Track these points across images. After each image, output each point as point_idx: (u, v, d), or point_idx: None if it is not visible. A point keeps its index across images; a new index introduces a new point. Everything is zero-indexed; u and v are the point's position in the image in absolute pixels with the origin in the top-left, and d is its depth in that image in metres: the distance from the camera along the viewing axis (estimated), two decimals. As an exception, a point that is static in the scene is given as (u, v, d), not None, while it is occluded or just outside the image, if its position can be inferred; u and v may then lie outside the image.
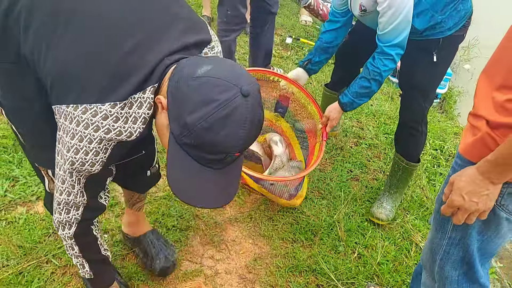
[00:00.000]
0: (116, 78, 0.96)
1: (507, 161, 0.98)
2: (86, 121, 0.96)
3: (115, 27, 1.00)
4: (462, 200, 1.07)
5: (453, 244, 1.22)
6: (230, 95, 0.86)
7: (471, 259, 1.21)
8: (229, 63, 0.95)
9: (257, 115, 0.91)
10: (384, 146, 2.79)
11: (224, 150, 0.92)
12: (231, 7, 2.76)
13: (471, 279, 1.25)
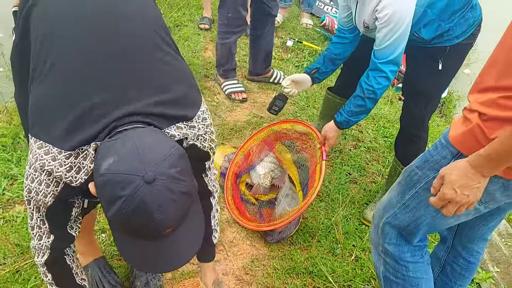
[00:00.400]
0: (73, 127, 1.01)
1: (501, 156, 1.00)
2: (37, 155, 1.02)
3: (92, 79, 1.04)
4: (454, 193, 1.10)
5: (404, 211, 1.30)
6: (133, 188, 0.86)
7: (414, 228, 1.30)
8: (140, 145, 0.92)
9: (173, 194, 0.90)
10: (383, 150, 2.80)
11: (151, 233, 0.92)
12: (232, 9, 2.76)
13: (406, 239, 1.37)
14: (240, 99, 3.04)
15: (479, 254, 1.49)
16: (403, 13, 1.69)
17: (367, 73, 1.89)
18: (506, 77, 1.02)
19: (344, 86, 2.44)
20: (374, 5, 1.75)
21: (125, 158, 0.90)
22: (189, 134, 1.14)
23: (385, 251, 1.42)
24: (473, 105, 1.10)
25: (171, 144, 0.96)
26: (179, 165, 0.92)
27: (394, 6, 1.69)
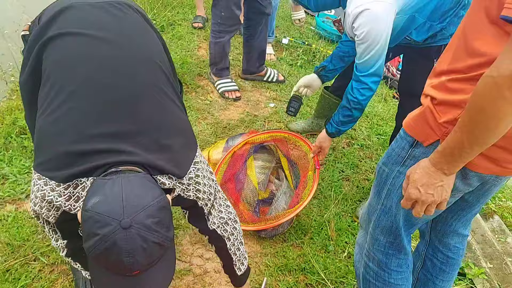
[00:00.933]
0: (71, 162, 1.07)
1: (453, 150, 0.99)
2: (38, 186, 1.10)
3: (96, 122, 1.10)
4: (418, 192, 1.09)
5: (384, 211, 1.28)
6: (109, 230, 0.92)
7: (397, 229, 1.28)
8: (126, 191, 0.98)
9: (145, 242, 0.95)
10: (376, 147, 2.80)
11: (120, 272, 0.97)
12: (225, 8, 2.76)
13: (397, 248, 1.34)
14: (233, 97, 3.04)
15: (458, 249, 1.46)
16: (378, 32, 1.69)
17: (351, 85, 1.91)
18: (457, 60, 1.00)
19: (342, 88, 2.44)
20: (351, 23, 1.75)
21: (109, 201, 0.96)
22: (177, 187, 1.20)
23: (370, 256, 1.41)
24: (426, 89, 1.09)
25: (156, 195, 1.01)
26: (157, 216, 0.98)
27: (368, 26, 1.69)
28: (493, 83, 0.84)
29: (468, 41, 0.97)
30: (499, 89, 0.83)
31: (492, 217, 2.51)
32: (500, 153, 1.00)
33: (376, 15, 1.65)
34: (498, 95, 0.83)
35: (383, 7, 1.65)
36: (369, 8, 1.65)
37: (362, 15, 1.67)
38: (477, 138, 0.93)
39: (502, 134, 0.92)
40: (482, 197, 1.27)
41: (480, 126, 0.91)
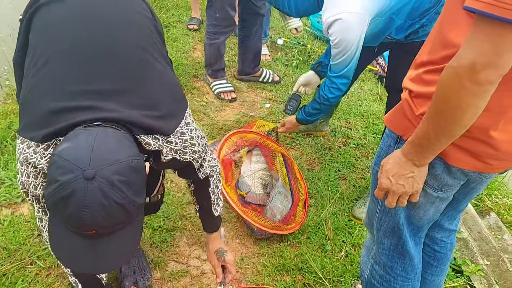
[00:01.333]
0: (49, 122, 1.03)
1: (421, 141, 0.99)
2: (21, 150, 1.06)
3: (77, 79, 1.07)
4: (390, 182, 1.09)
5: (385, 212, 1.26)
6: (70, 177, 0.88)
7: (399, 230, 1.25)
8: (99, 143, 0.93)
9: (105, 199, 0.89)
10: (372, 146, 2.80)
11: (76, 226, 0.92)
12: (219, 10, 2.75)
13: (401, 251, 1.31)
14: (229, 98, 3.04)
15: (446, 243, 1.45)
16: (350, 41, 1.76)
17: (324, 82, 2.01)
18: (434, 52, 1.00)
19: None
20: (325, 30, 1.81)
21: (78, 148, 0.92)
22: (164, 148, 1.15)
23: (377, 259, 1.40)
24: (405, 82, 1.09)
25: (131, 153, 0.96)
26: (126, 175, 0.92)
27: (340, 35, 1.76)
28: (454, 73, 0.84)
29: (443, 32, 0.97)
30: (460, 79, 0.83)
31: (489, 214, 2.51)
32: (480, 147, 0.99)
33: (347, 25, 1.72)
34: (460, 86, 0.84)
35: (355, 18, 1.71)
36: (342, 18, 1.71)
37: (334, 24, 1.74)
38: (443, 129, 0.93)
39: (468, 126, 0.91)
40: (468, 195, 1.27)
41: (445, 117, 0.91)
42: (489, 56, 0.79)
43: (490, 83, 0.82)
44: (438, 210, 1.20)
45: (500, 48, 0.78)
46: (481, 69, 0.80)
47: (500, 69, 0.80)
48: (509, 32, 0.76)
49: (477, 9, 0.77)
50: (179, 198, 2.20)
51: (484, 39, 0.79)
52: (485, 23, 0.78)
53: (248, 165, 2.37)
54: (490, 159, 1.01)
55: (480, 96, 0.84)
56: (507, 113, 0.94)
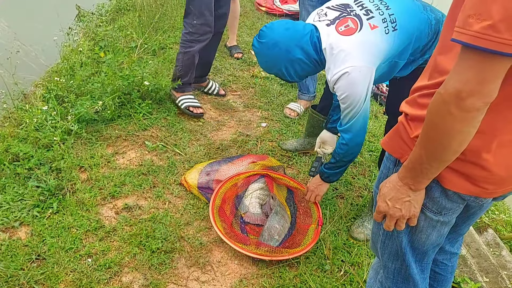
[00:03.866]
0: None
1: (415, 165, 1.01)
2: None
3: None
4: (387, 206, 1.10)
5: (387, 236, 1.26)
6: None
7: (402, 254, 1.25)
8: None
9: None
10: (368, 164, 2.82)
11: None
12: (198, 16, 2.73)
13: (405, 276, 1.30)
14: (197, 113, 3.00)
15: (446, 266, 1.46)
16: (357, 95, 1.74)
17: (340, 138, 1.96)
18: (430, 77, 1.03)
19: (327, 107, 2.48)
20: (332, 85, 1.80)
21: None
22: None
23: (383, 282, 1.39)
24: (401, 106, 1.12)
25: None
26: None
27: (347, 91, 1.74)
28: (441, 100, 0.87)
29: (438, 59, 1.01)
30: (447, 106, 0.86)
31: (486, 230, 2.52)
32: (475, 170, 1.01)
33: (353, 79, 1.71)
34: (446, 112, 0.87)
35: (361, 71, 1.71)
36: (348, 72, 1.71)
37: (341, 80, 1.73)
38: (434, 154, 0.96)
39: (458, 151, 0.94)
40: (468, 220, 1.28)
41: (434, 143, 0.94)
42: (473, 85, 0.82)
43: (477, 110, 0.85)
44: (441, 234, 1.20)
45: (483, 76, 0.81)
46: (467, 96, 0.83)
47: (485, 96, 0.83)
48: (492, 62, 0.80)
49: (462, 41, 0.81)
50: (177, 219, 2.19)
51: (468, 68, 0.82)
52: (469, 53, 0.81)
53: (246, 184, 2.38)
54: (485, 183, 1.02)
55: (467, 122, 0.87)
56: (499, 136, 0.96)
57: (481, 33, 0.77)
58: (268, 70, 1.95)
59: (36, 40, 3.54)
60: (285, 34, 1.82)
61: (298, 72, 1.90)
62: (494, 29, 0.76)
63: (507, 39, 0.76)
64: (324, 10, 1.87)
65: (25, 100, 3.01)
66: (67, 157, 2.43)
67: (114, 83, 2.83)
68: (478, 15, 0.78)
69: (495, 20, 0.76)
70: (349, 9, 1.81)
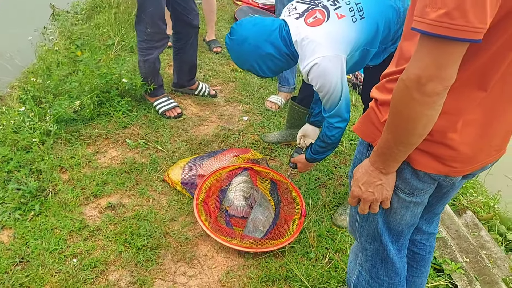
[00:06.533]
0: None
1: (384, 150, 1.05)
2: None
3: None
4: (360, 190, 1.14)
5: (364, 218, 1.30)
6: None
7: (379, 235, 1.29)
8: None
9: None
10: (349, 152, 2.86)
11: None
12: (151, 24, 2.69)
13: (383, 257, 1.34)
14: (175, 115, 2.98)
15: (424, 246, 1.50)
16: (331, 83, 1.77)
17: (325, 121, 1.99)
18: (398, 64, 1.07)
19: (306, 98, 2.51)
20: (305, 76, 1.82)
21: None
22: None
23: (362, 265, 1.43)
24: (372, 92, 1.15)
25: None
26: None
27: (320, 80, 1.77)
28: (403, 86, 0.91)
29: (403, 47, 1.05)
30: (409, 92, 0.90)
31: (465, 212, 2.59)
32: (442, 150, 1.04)
33: (324, 69, 1.74)
34: (409, 97, 0.90)
35: (330, 60, 1.73)
36: (318, 63, 1.73)
37: (312, 71, 1.76)
38: (400, 138, 0.99)
39: (423, 135, 0.97)
40: (442, 199, 1.32)
41: (399, 127, 0.97)
42: (433, 70, 0.86)
43: (437, 94, 0.88)
44: (414, 214, 1.24)
45: (441, 62, 0.85)
46: (426, 81, 0.87)
47: (444, 81, 0.87)
48: (448, 48, 0.83)
49: (421, 30, 0.84)
50: (162, 215, 2.20)
51: (427, 55, 0.86)
52: (428, 40, 0.85)
53: (229, 178, 2.39)
54: (453, 161, 1.06)
55: (429, 106, 0.90)
56: (463, 115, 1.00)
57: (437, 21, 0.81)
58: (241, 66, 1.97)
59: (10, 41, 3.48)
60: (253, 30, 1.85)
61: (271, 67, 1.92)
62: (449, 16, 0.79)
63: (461, 25, 0.79)
64: (294, 4, 1.90)
65: (1, 102, 2.96)
66: (47, 158, 2.40)
67: (92, 82, 2.81)
68: (434, 4, 0.81)
69: (449, 8, 0.79)
70: (317, 1, 1.84)
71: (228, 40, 1.90)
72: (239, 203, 2.29)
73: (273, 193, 2.41)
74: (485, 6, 0.79)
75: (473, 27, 0.79)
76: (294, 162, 2.30)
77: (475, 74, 0.94)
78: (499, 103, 1.00)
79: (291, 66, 1.98)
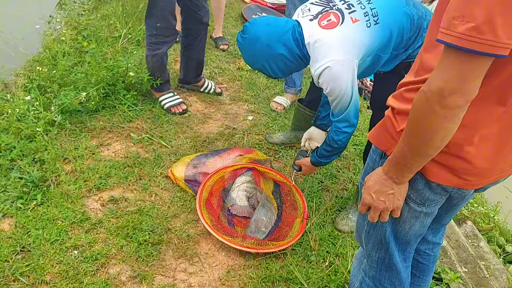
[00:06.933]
0: None
1: (399, 160, 1.04)
2: None
3: None
4: (371, 198, 1.14)
5: (372, 226, 1.29)
6: None
7: (386, 244, 1.29)
8: None
9: None
10: (353, 157, 2.86)
11: None
12: (161, 19, 2.68)
13: (388, 265, 1.34)
14: (180, 111, 2.98)
15: (429, 256, 1.51)
16: (341, 87, 1.76)
17: (332, 126, 1.99)
18: (417, 74, 1.07)
19: (313, 101, 2.51)
20: (316, 79, 1.82)
21: None
22: None
23: (366, 271, 1.43)
24: (388, 100, 1.15)
25: None
26: None
27: (331, 83, 1.77)
28: (424, 98, 0.91)
29: (424, 57, 1.04)
30: (430, 104, 0.90)
31: (465, 222, 2.60)
32: (457, 162, 1.04)
33: (336, 72, 1.74)
34: (430, 109, 0.90)
35: (343, 64, 1.74)
36: (330, 66, 1.73)
37: (323, 74, 1.76)
38: (418, 149, 0.99)
39: (441, 147, 0.97)
40: (450, 211, 1.32)
41: (418, 138, 0.97)
42: (455, 83, 0.86)
43: (459, 107, 0.88)
44: (423, 225, 1.23)
45: (465, 75, 0.85)
46: (449, 94, 0.86)
47: (467, 95, 0.87)
48: (474, 62, 0.83)
49: (448, 42, 0.84)
50: (164, 211, 2.19)
51: (451, 67, 0.86)
52: (453, 53, 0.85)
53: (233, 177, 2.39)
54: (467, 175, 1.06)
55: (449, 119, 0.90)
56: (481, 130, 1.00)
57: (466, 35, 0.80)
58: (252, 65, 1.97)
59: (15, 28, 3.45)
60: (266, 29, 1.85)
61: (282, 68, 1.92)
62: (478, 30, 0.79)
63: (489, 39, 0.79)
64: (307, 6, 1.90)
65: (6, 89, 2.94)
66: (51, 148, 2.39)
67: (98, 74, 2.80)
68: (462, 17, 0.81)
69: (478, 22, 0.79)
70: (332, 4, 1.83)
71: (240, 38, 1.89)
72: (242, 203, 2.29)
73: (276, 194, 2.41)
74: None
75: (501, 42, 0.79)
76: (299, 165, 2.30)
77: (496, 88, 0.94)
78: None
79: (301, 68, 1.98)
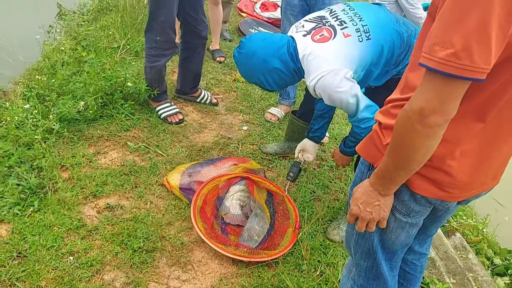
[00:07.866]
0: None
1: (384, 173, 1.10)
2: None
3: None
4: (358, 209, 1.19)
5: (360, 236, 1.34)
6: None
7: (374, 253, 1.33)
8: None
9: None
10: (345, 168, 2.92)
11: None
12: (160, 33, 2.76)
13: (375, 274, 1.38)
14: (176, 121, 3.03)
15: (416, 266, 1.55)
16: (340, 96, 1.80)
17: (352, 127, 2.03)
18: (403, 92, 1.13)
19: (307, 113, 2.57)
20: (312, 90, 1.88)
21: None
22: None
23: (355, 280, 1.47)
24: (376, 116, 1.21)
25: None
26: None
27: (328, 93, 1.82)
28: (406, 117, 0.97)
29: (409, 76, 1.11)
30: (412, 122, 0.96)
31: (454, 234, 2.65)
32: (440, 175, 1.09)
33: (329, 82, 1.78)
34: (411, 127, 0.96)
35: (336, 73, 1.78)
36: (323, 76, 1.79)
37: (318, 85, 1.82)
38: (401, 164, 1.05)
39: (422, 162, 1.03)
40: (435, 222, 1.38)
41: (400, 153, 1.03)
42: (435, 104, 0.92)
43: (439, 125, 0.95)
44: (409, 235, 1.28)
45: (444, 97, 0.91)
46: (429, 114, 0.93)
47: (446, 114, 0.93)
48: (452, 84, 0.90)
49: (429, 66, 0.90)
50: (159, 219, 2.23)
51: (431, 89, 0.92)
52: (433, 76, 0.91)
53: (227, 186, 2.44)
54: (450, 187, 1.12)
55: (430, 137, 0.97)
56: (461, 145, 1.06)
57: (445, 60, 0.87)
58: (248, 79, 2.03)
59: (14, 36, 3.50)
60: (262, 44, 1.92)
61: (277, 81, 1.98)
62: (456, 56, 0.86)
63: (467, 65, 0.86)
64: (301, 22, 1.97)
65: (5, 97, 2.99)
66: (49, 156, 2.43)
67: (97, 83, 2.85)
68: (442, 43, 0.87)
69: (456, 49, 0.85)
70: (324, 20, 1.90)
71: (236, 53, 1.96)
72: (235, 212, 2.33)
73: (269, 203, 2.45)
74: (490, 48, 0.85)
75: (477, 67, 0.86)
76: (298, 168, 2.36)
77: (476, 107, 1.01)
78: (495, 135, 1.06)
79: (296, 81, 2.04)
